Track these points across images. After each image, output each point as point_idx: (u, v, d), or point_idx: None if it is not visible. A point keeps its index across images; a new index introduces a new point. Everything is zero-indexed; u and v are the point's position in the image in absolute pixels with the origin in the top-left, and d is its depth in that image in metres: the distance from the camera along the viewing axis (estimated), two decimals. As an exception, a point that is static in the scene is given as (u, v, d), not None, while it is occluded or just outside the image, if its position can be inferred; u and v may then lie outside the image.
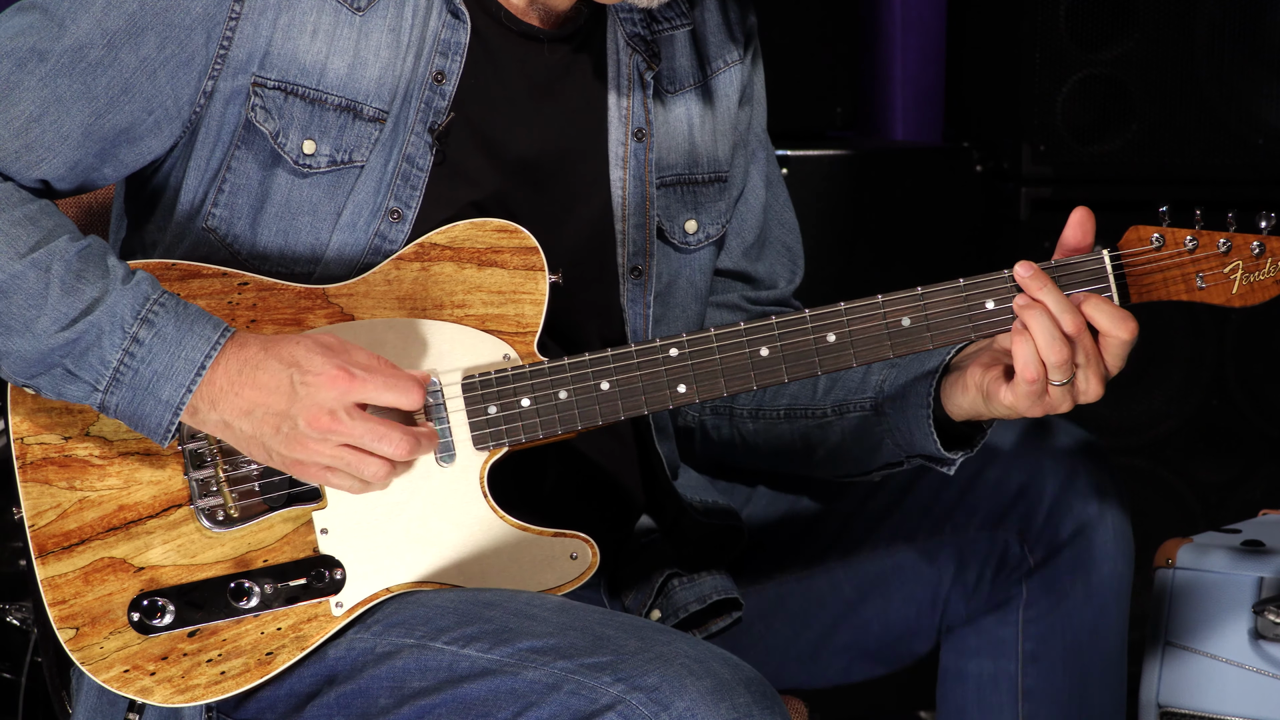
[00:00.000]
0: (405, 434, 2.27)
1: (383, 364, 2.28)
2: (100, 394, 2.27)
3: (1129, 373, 4.04)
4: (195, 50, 2.36)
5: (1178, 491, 4.20)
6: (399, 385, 2.27)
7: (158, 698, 2.33)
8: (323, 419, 2.25)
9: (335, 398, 2.25)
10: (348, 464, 2.27)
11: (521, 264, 2.40)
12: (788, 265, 2.75)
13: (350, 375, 2.25)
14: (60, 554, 2.33)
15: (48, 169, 2.34)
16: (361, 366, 2.26)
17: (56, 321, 2.26)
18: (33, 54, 2.32)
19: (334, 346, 2.28)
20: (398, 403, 2.27)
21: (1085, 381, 2.34)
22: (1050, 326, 2.32)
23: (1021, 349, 2.33)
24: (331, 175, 2.41)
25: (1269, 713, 2.89)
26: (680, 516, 2.60)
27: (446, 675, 2.28)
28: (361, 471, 2.27)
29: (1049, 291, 2.33)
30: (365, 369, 2.26)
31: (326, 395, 2.25)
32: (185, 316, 2.28)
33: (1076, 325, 2.32)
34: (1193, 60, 4.08)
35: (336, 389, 2.25)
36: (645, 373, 2.38)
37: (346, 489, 2.31)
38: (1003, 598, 2.57)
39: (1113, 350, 2.35)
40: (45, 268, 2.27)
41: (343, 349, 2.28)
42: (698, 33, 2.62)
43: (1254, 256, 2.37)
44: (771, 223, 2.73)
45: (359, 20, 2.40)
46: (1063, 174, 4.12)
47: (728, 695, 2.16)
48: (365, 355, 2.28)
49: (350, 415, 2.25)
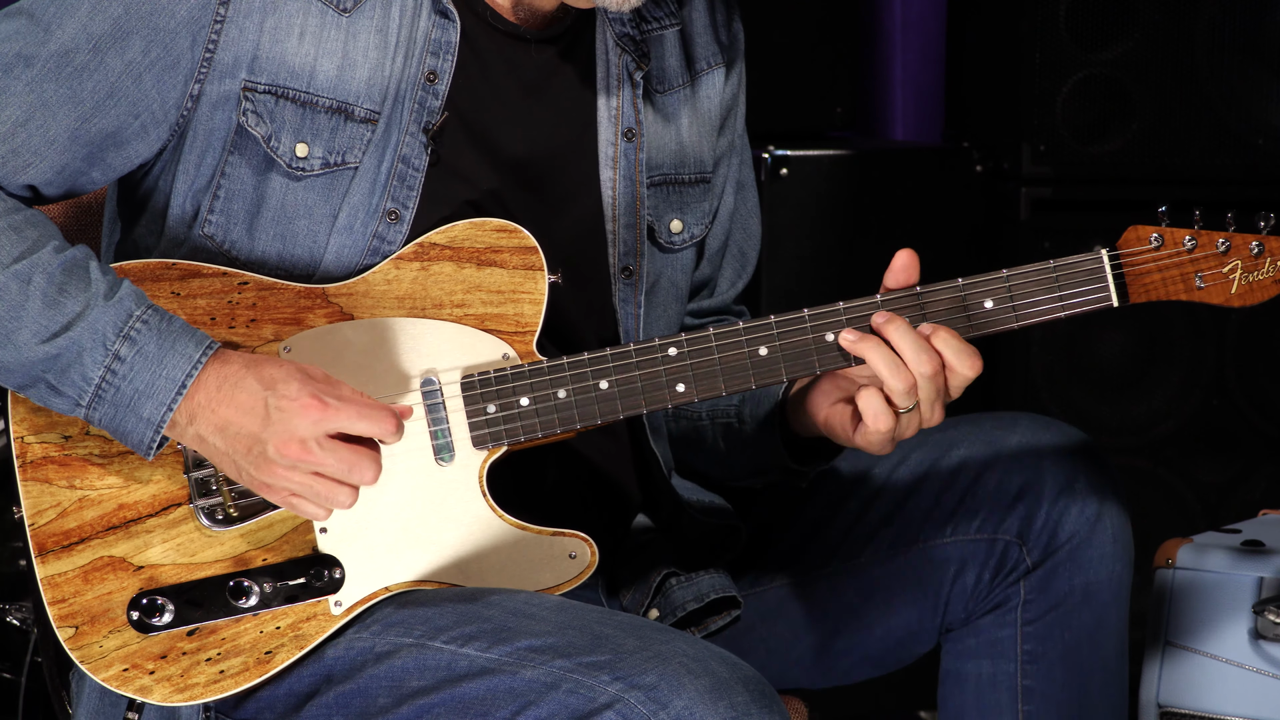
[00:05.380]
0: (375, 462, 2.27)
1: (358, 395, 2.28)
2: (84, 409, 2.28)
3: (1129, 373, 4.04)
4: (181, 54, 2.36)
5: (1178, 491, 4.20)
6: (372, 416, 2.26)
7: (157, 696, 2.33)
8: (292, 447, 2.25)
9: (307, 427, 2.24)
10: (316, 494, 2.27)
11: (521, 263, 2.40)
12: (735, 269, 2.75)
13: (323, 405, 2.25)
14: (60, 553, 2.33)
15: (35, 174, 2.34)
16: (337, 397, 2.26)
17: (37, 334, 2.26)
18: (19, 59, 2.33)
19: (315, 375, 2.27)
20: (371, 432, 2.26)
21: (931, 411, 2.39)
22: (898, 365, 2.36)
23: (869, 402, 2.37)
24: (325, 178, 2.41)
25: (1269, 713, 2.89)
26: (678, 515, 2.60)
27: (445, 674, 2.28)
28: (329, 500, 2.27)
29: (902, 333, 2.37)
30: (339, 399, 2.25)
31: (298, 424, 2.24)
32: (168, 333, 2.28)
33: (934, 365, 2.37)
34: (1193, 60, 4.08)
35: (308, 418, 2.24)
36: (644, 372, 2.39)
37: (310, 515, 2.31)
38: (1001, 599, 2.57)
39: (956, 385, 2.39)
40: (26, 279, 2.27)
41: (324, 378, 2.27)
42: (686, 33, 2.62)
43: (1253, 256, 2.37)
44: (734, 228, 2.73)
45: (345, 21, 2.40)
46: (1063, 174, 4.12)
47: (726, 694, 2.17)
48: (346, 389, 2.27)
49: (321, 445, 2.25)
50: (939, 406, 2.39)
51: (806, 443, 2.55)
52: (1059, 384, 4.15)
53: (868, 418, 2.37)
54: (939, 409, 2.39)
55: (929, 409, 2.38)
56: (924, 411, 2.38)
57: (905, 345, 2.36)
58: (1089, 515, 2.54)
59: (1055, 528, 2.54)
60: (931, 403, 2.38)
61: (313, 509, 2.29)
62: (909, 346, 2.36)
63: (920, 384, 2.36)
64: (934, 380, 2.36)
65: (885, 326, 2.37)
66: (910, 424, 2.38)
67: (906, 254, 2.40)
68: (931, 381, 2.36)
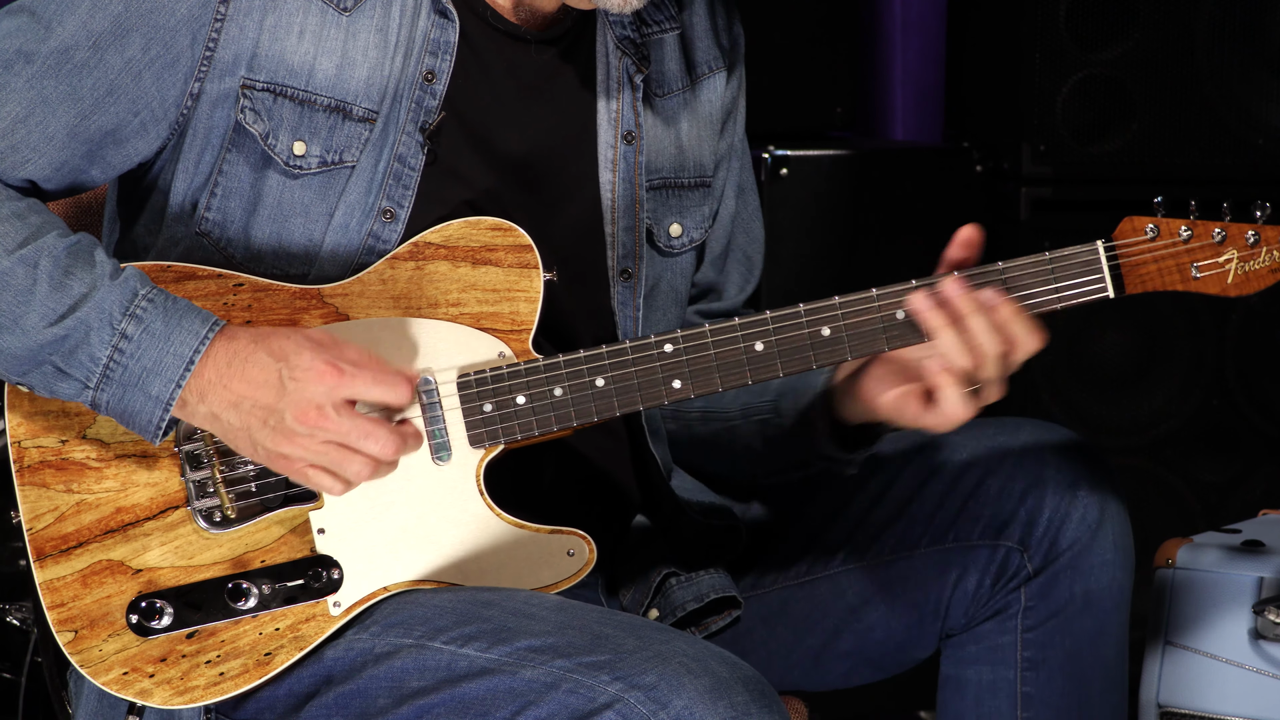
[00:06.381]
0: (392, 433, 2.26)
1: (372, 360, 2.28)
2: (91, 391, 2.27)
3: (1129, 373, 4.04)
4: (181, 52, 2.36)
5: (1178, 491, 4.20)
6: (387, 381, 2.27)
7: (157, 699, 2.33)
8: (310, 414, 2.25)
9: (324, 393, 2.24)
10: (332, 461, 2.26)
11: (516, 262, 2.40)
12: (742, 273, 2.75)
13: (339, 370, 2.25)
14: (58, 557, 2.33)
15: (34, 169, 2.35)
16: (351, 362, 2.26)
17: (45, 318, 2.26)
18: (19, 55, 2.33)
19: (324, 342, 2.27)
20: (385, 398, 2.27)
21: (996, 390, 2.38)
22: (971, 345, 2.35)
23: (948, 391, 2.36)
24: (322, 176, 2.41)
25: (1269, 713, 2.89)
26: (677, 516, 2.60)
27: (445, 675, 2.28)
28: (345, 470, 2.27)
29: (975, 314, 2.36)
30: (354, 364, 2.26)
31: (315, 390, 2.24)
32: (174, 311, 2.28)
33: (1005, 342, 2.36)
34: (1193, 60, 4.08)
35: (325, 384, 2.25)
36: (640, 369, 2.38)
37: (327, 489, 2.30)
38: (1002, 605, 2.57)
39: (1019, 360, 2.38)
40: (33, 264, 2.27)
41: (333, 344, 2.27)
42: (686, 36, 2.62)
43: (1249, 246, 2.37)
44: (737, 232, 2.73)
45: (345, 20, 2.40)
46: (1063, 174, 4.12)
47: (726, 693, 2.16)
48: (356, 351, 2.28)
49: (338, 411, 2.25)
50: (1004, 384, 2.38)
51: (853, 429, 2.54)
52: (1059, 384, 4.15)
53: (946, 405, 2.36)
54: (1003, 386, 2.38)
55: (994, 389, 2.38)
56: (990, 391, 2.38)
57: (978, 326, 2.35)
58: (1090, 522, 2.54)
59: (1057, 534, 2.54)
60: (999, 381, 2.37)
61: (329, 481, 2.28)
62: (981, 328, 2.35)
63: (988, 363, 2.35)
64: (1003, 360, 2.35)
65: (962, 300, 2.35)
66: (974, 402, 2.38)
67: (971, 228, 2.40)
68: (1000, 361, 2.35)
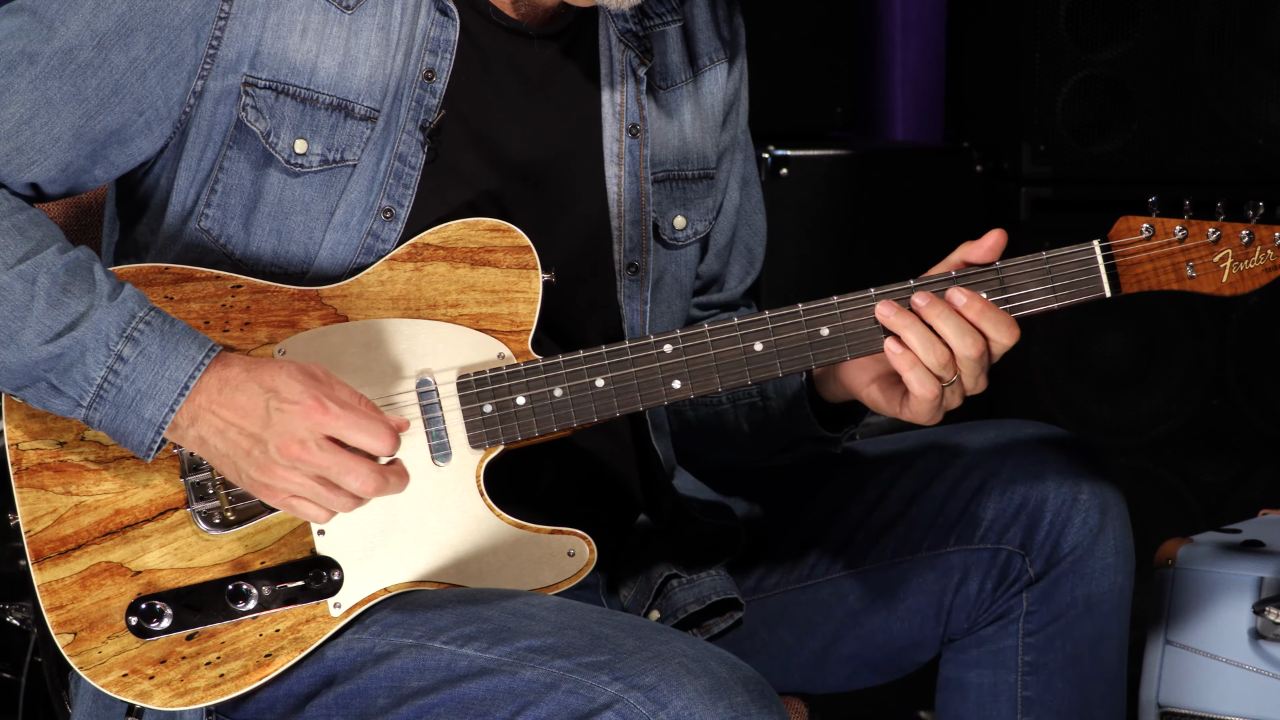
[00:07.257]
0: (373, 471, 2.25)
1: (362, 402, 2.27)
2: (84, 409, 2.27)
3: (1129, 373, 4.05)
4: (185, 50, 2.36)
5: (1178, 491, 4.20)
6: (371, 429, 2.25)
7: (157, 701, 2.32)
8: (293, 447, 2.24)
9: (307, 429, 2.24)
10: (315, 494, 2.26)
11: (515, 263, 2.40)
12: (743, 265, 2.75)
13: (324, 408, 2.24)
14: (57, 559, 2.32)
15: (39, 172, 2.34)
16: (339, 401, 2.25)
17: (40, 335, 2.26)
18: (22, 56, 2.32)
19: (318, 376, 2.27)
20: (367, 446, 2.25)
21: (974, 383, 2.39)
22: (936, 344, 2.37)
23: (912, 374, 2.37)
24: (324, 174, 2.41)
25: (1269, 713, 2.89)
26: (678, 515, 2.60)
27: (445, 675, 2.28)
28: (329, 504, 2.26)
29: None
30: (342, 404, 2.25)
31: (298, 425, 2.24)
32: (171, 335, 2.28)
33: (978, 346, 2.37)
34: (1193, 60, 4.08)
35: (309, 420, 2.24)
36: (640, 369, 2.38)
37: (311, 518, 2.30)
38: (1004, 610, 2.57)
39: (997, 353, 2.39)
40: (31, 280, 2.27)
41: (326, 381, 2.27)
42: (688, 29, 2.62)
43: (1243, 245, 2.38)
44: (740, 224, 2.74)
45: (348, 19, 2.40)
46: (1063, 174, 4.12)
47: (725, 694, 2.16)
48: (347, 391, 2.27)
49: (320, 446, 2.24)
50: (982, 377, 2.39)
51: (835, 408, 2.55)
52: (1059, 384, 4.15)
53: (915, 389, 2.37)
54: (982, 379, 2.39)
55: (971, 381, 2.39)
56: (966, 383, 2.39)
57: (947, 327, 2.36)
58: (1092, 526, 2.54)
59: (1058, 539, 2.54)
60: (975, 376, 2.38)
61: (313, 510, 2.28)
62: (951, 329, 2.36)
63: (961, 361, 2.36)
64: (980, 360, 2.37)
65: (927, 309, 2.36)
66: (954, 395, 2.39)
67: (999, 234, 2.42)
68: (977, 362, 2.37)
